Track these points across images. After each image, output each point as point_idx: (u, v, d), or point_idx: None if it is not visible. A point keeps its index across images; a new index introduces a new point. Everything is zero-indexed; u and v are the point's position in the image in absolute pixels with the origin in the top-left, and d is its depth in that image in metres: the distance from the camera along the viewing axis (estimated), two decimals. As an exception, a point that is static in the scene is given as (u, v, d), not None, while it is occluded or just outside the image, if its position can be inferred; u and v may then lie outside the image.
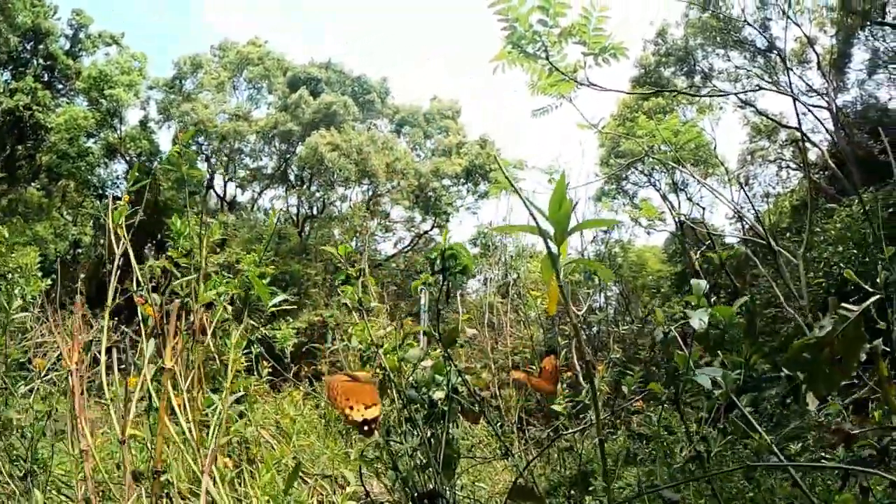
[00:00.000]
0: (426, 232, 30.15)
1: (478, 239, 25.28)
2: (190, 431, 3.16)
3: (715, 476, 2.16)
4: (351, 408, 2.08)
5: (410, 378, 2.66)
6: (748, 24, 22.61)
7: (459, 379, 2.55)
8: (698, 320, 1.94)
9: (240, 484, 5.63)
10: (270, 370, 9.29)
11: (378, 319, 3.12)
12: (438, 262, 2.44)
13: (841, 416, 2.84)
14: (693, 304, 2.00)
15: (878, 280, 2.58)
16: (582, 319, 12.01)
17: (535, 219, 1.92)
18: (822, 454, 3.69)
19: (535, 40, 6.24)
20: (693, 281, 2.07)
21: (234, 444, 6.22)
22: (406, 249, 30.68)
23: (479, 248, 24.11)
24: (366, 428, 2.10)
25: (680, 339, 2.07)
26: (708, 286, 2.22)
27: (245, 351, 7.27)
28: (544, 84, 6.96)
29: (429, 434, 2.58)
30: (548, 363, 2.05)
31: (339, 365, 7.61)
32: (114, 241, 3.49)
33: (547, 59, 6.38)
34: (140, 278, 4.26)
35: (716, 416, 2.29)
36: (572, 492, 4.23)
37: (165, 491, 4.05)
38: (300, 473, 7.28)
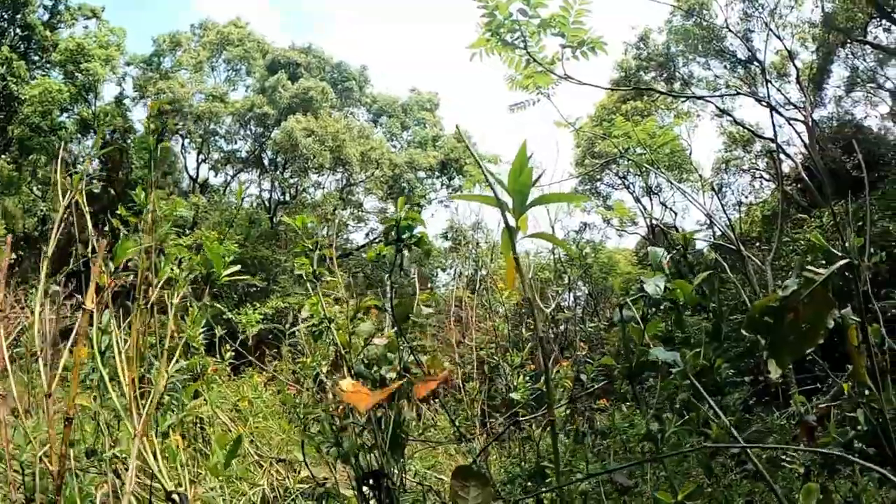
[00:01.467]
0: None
1: (449, 233, 25.23)
2: (135, 400, 3.05)
3: (668, 457, 2.10)
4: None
5: (362, 355, 2.58)
6: (730, 30, 22.76)
7: (412, 358, 2.47)
8: (653, 286, 1.87)
9: (193, 464, 5.51)
10: (234, 353, 9.17)
11: (336, 294, 3.03)
12: (393, 232, 2.36)
13: (805, 409, 2.81)
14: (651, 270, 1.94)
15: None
16: (549, 316, 12.00)
17: (493, 189, 1.84)
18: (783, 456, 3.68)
19: (514, 29, 6.18)
20: (650, 249, 2.01)
21: (188, 424, 6.11)
22: (377, 240, 30.51)
23: (450, 242, 24.09)
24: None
25: (640, 320, 2.01)
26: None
27: (205, 329, 7.14)
28: (522, 76, 6.90)
29: (378, 413, 2.50)
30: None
31: (300, 348, 7.50)
32: (57, 204, 3.36)
33: (525, 49, 6.32)
34: (95, 245, 4.13)
35: (672, 398, 2.23)
36: (529, 483, 4.17)
37: (113, 467, 3.93)
38: (257, 457, 7.19)
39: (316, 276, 2.67)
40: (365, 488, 2.54)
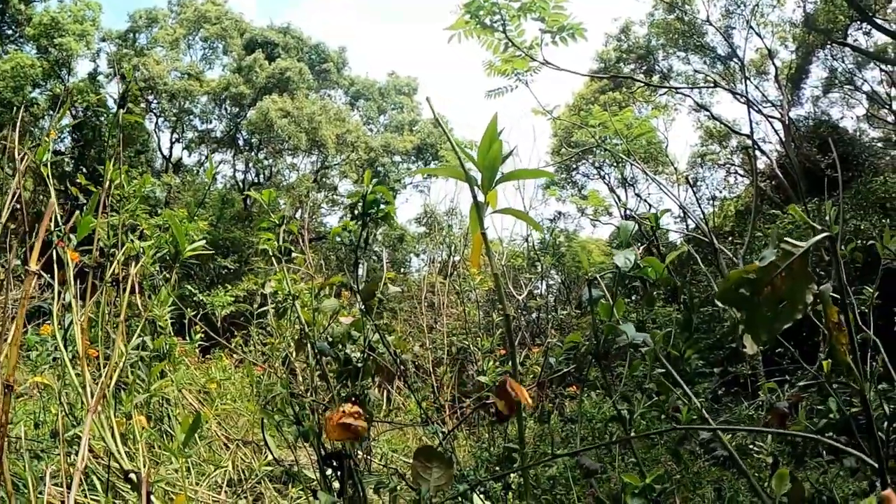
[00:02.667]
0: (372, 208, 29.76)
1: (424, 218, 25.15)
2: (91, 374, 2.97)
3: (636, 438, 2.07)
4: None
5: (325, 333, 2.52)
6: (711, 24, 22.85)
7: (378, 337, 2.42)
8: (623, 258, 1.83)
9: (158, 445, 5.43)
10: (203, 335, 9.06)
11: (304, 271, 2.96)
12: (359, 206, 2.29)
13: (776, 396, 2.81)
14: (619, 244, 1.90)
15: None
16: (522, 303, 11.99)
17: (461, 162, 1.79)
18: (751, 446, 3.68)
19: (493, 12, 6.11)
20: (621, 223, 1.97)
21: (154, 405, 6.01)
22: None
23: (424, 228, 24.00)
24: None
25: (610, 297, 1.97)
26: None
27: (172, 308, 7.02)
28: (501, 60, 6.84)
29: (343, 394, 2.45)
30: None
31: (269, 329, 7.43)
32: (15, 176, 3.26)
33: (504, 32, 6.26)
34: (59, 219, 4.03)
35: (641, 383, 2.21)
36: (497, 468, 4.13)
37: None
38: (225, 440, 7.11)
39: (282, 252, 2.60)
40: (328, 470, 2.49)
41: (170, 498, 3.94)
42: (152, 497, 2.99)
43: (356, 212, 2.31)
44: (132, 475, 2.50)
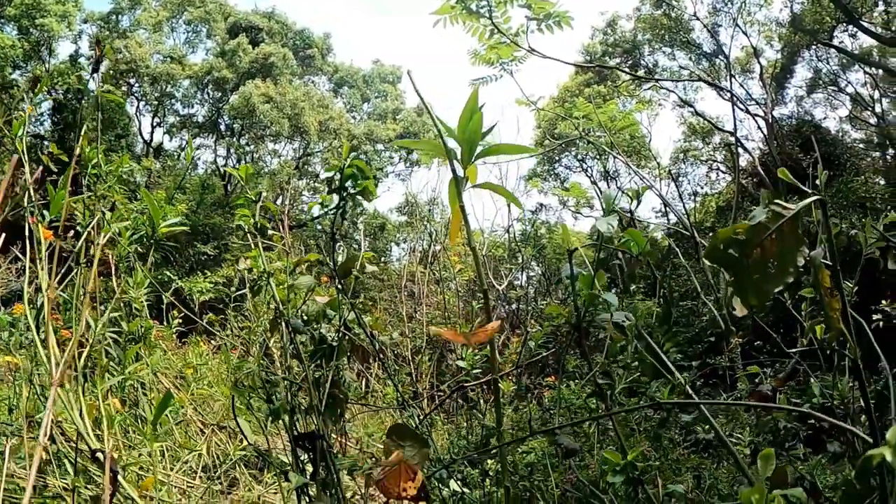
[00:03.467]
0: (353, 195, 29.50)
1: (405, 207, 25.10)
2: (73, 353, 2.90)
3: (616, 414, 2.04)
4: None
5: (300, 311, 2.46)
6: (697, 19, 22.93)
7: (354, 316, 2.37)
8: (606, 224, 1.80)
9: (133, 429, 5.36)
10: (181, 321, 8.97)
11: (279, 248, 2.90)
12: (336, 179, 2.24)
13: (759, 380, 2.81)
14: (604, 209, 1.87)
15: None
16: (502, 294, 11.99)
17: (440, 134, 1.74)
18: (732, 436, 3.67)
19: (480, -3, 6.05)
20: (604, 191, 1.94)
21: (128, 389, 5.94)
22: (332, 210, 29.72)
23: (406, 217, 23.95)
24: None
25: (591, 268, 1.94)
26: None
27: (149, 291, 6.93)
28: (486, 48, 6.78)
29: (316, 375, 2.40)
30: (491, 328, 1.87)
31: (246, 314, 7.36)
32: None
33: (490, 18, 6.21)
34: (32, 195, 3.95)
35: (622, 356, 2.17)
36: (476, 455, 4.11)
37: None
38: (200, 424, 7.03)
39: (258, 229, 2.54)
40: (302, 453, 2.44)
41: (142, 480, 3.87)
42: (121, 478, 2.93)
43: (333, 185, 2.25)
44: (99, 454, 2.45)
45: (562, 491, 3.46)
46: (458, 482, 2.93)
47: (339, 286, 2.30)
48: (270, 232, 2.53)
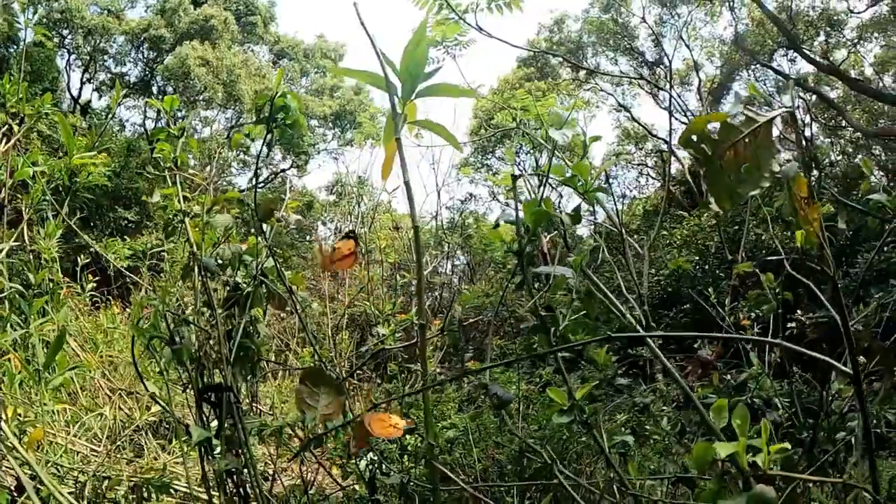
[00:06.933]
0: (283, 171, 28.93)
1: (334, 186, 24.80)
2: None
3: (561, 350, 1.95)
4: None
5: (215, 253, 2.30)
6: (645, 21, 23.32)
7: (272, 264, 2.22)
8: (561, 134, 1.72)
9: (35, 388, 5.08)
10: (95, 285, 8.64)
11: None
12: (266, 108, 2.09)
13: (699, 346, 2.81)
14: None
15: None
16: (426, 279, 11.92)
17: (383, 68, 1.62)
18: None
19: (428, -33, 5.93)
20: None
21: (32, 347, 5.64)
22: (260, 185, 29.00)
23: (334, 197, 23.64)
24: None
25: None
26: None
27: (62, 244, 6.61)
28: (433, 23, 6.65)
29: (229, 325, 2.25)
30: (345, 246, 1.77)
31: (163, 275, 7.10)
32: None
33: (439, -10, 6.08)
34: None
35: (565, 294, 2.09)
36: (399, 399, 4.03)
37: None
38: (108, 391, 6.75)
39: (176, 165, 2.36)
40: (208, 411, 2.29)
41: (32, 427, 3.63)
42: (6, 428, 2.72)
43: (262, 115, 2.10)
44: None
45: (483, 466, 3.41)
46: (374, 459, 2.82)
47: (258, 229, 2.16)
48: (191, 171, 2.36)
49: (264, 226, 2.19)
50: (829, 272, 1.40)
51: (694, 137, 1.18)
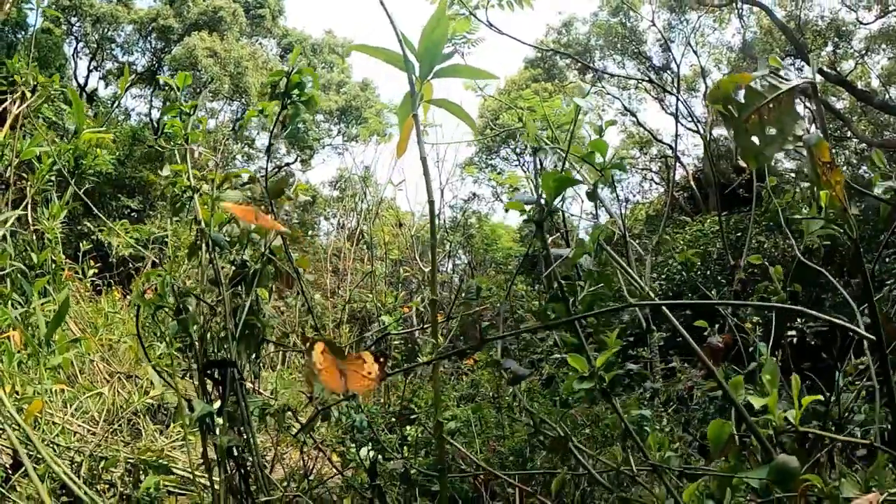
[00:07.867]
0: (288, 164, 28.92)
1: (338, 182, 24.79)
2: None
3: (578, 319, 1.95)
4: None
5: (224, 230, 2.30)
6: (654, 24, 23.32)
7: (280, 243, 2.22)
8: (586, 102, 1.71)
9: (35, 368, 5.09)
10: (97, 270, 8.67)
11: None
12: (282, 84, 2.08)
13: (708, 333, 2.81)
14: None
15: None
16: (426, 277, 11.92)
17: (402, 46, 1.62)
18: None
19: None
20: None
21: (32, 326, 5.65)
22: (266, 178, 28.90)
23: (337, 192, 23.64)
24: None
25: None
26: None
27: (64, 229, 6.61)
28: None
29: (235, 303, 2.24)
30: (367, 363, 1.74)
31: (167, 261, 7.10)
32: None
33: (452, -16, 6.08)
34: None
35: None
36: (395, 422, 4.02)
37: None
38: (108, 375, 6.74)
39: (187, 141, 2.36)
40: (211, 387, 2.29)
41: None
42: (7, 402, 2.72)
43: (276, 91, 2.09)
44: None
45: (485, 457, 3.41)
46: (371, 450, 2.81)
47: (269, 207, 2.15)
48: (199, 150, 2.36)
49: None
50: (853, 235, 1.41)
51: (721, 94, 1.19)
